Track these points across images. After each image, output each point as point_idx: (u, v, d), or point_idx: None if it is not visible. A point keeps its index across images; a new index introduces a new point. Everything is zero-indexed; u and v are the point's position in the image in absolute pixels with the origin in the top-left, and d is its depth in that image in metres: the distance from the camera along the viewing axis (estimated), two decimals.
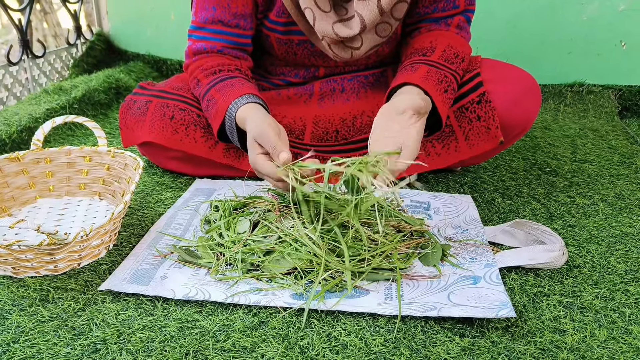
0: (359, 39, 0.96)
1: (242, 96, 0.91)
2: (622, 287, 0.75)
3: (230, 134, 0.96)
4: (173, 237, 0.85)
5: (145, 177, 1.10)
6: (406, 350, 0.62)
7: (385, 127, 0.81)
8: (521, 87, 0.99)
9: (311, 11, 0.93)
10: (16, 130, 1.20)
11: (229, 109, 0.92)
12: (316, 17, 0.93)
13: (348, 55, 0.98)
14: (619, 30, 1.59)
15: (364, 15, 0.91)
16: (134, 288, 0.71)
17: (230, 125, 0.93)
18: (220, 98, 0.93)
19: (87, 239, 0.75)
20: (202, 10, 1.00)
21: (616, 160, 1.24)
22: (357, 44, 0.96)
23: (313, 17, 0.93)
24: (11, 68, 1.55)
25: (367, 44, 0.97)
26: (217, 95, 0.94)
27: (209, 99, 0.96)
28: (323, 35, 0.94)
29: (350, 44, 0.96)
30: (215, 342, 0.63)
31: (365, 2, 0.91)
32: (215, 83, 0.96)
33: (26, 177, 0.95)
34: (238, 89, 0.93)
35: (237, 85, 0.95)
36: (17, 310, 0.68)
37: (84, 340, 0.62)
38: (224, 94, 0.93)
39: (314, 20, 0.93)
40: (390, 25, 0.96)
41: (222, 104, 0.92)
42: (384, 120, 0.82)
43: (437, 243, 0.82)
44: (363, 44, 0.96)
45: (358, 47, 0.97)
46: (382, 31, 0.96)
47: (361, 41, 0.96)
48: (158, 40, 1.97)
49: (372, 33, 0.96)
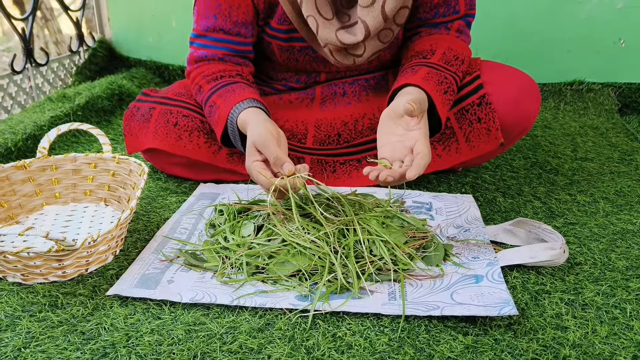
0: (362, 46, 0.97)
1: (243, 101, 0.92)
2: (623, 284, 0.76)
3: (233, 139, 0.97)
4: (179, 241, 0.86)
5: (150, 182, 1.11)
6: (410, 349, 0.63)
7: (389, 132, 0.82)
8: (520, 89, 0.99)
9: (314, 19, 0.93)
10: (22, 139, 1.22)
11: (230, 114, 0.93)
12: (319, 25, 0.94)
13: (350, 62, 0.99)
14: (618, 28, 1.60)
15: (368, 22, 0.92)
16: (141, 292, 0.72)
17: (233, 130, 0.94)
18: (222, 104, 0.94)
19: (94, 245, 0.76)
20: (203, 18, 1.01)
21: (616, 158, 1.25)
22: (360, 51, 0.97)
23: (316, 25, 0.94)
24: (15, 77, 1.57)
25: (370, 50, 0.98)
26: (218, 100, 0.96)
27: (211, 104, 0.97)
28: (326, 43, 0.95)
29: (353, 51, 0.97)
30: (222, 344, 0.64)
31: (370, 9, 0.92)
32: (217, 89, 0.97)
33: (33, 185, 0.96)
34: (239, 94, 0.94)
35: (238, 90, 0.96)
36: (27, 316, 0.69)
37: (94, 345, 0.64)
38: (225, 100, 0.94)
39: (317, 27, 0.94)
40: (392, 31, 0.97)
41: (224, 110, 0.94)
42: (386, 125, 0.83)
43: (439, 243, 0.82)
44: (366, 50, 0.97)
45: (361, 54, 0.98)
46: (384, 37, 0.97)
47: (364, 48, 0.97)
48: (160, 47, 1.99)
49: (374, 40, 0.97)
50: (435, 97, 0.89)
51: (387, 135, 0.83)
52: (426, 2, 0.99)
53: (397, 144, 0.82)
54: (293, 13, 0.97)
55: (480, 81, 0.99)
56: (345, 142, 1.08)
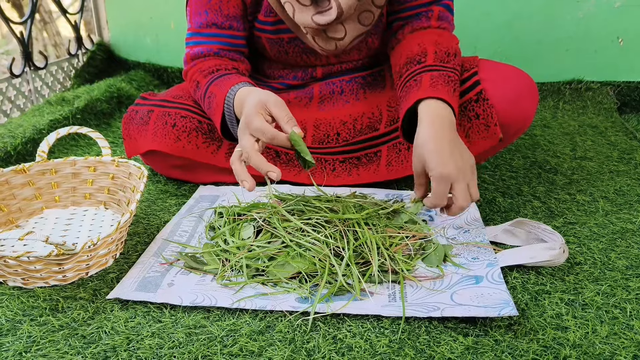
0: (342, 29, 0.97)
1: (239, 83, 0.92)
2: (623, 283, 0.76)
3: (230, 125, 0.95)
4: (179, 244, 0.86)
5: (150, 185, 1.11)
6: (411, 351, 0.63)
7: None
8: (518, 86, 0.99)
9: (291, 5, 0.94)
10: (21, 142, 1.22)
11: (227, 97, 0.92)
12: (295, 10, 0.95)
13: (332, 47, 0.99)
14: (616, 27, 1.60)
15: (340, 1, 0.92)
16: (141, 296, 0.72)
17: (230, 115, 0.93)
18: (219, 91, 0.94)
19: (94, 249, 0.76)
20: (195, 15, 1.03)
21: (616, 157, 1.25)
22: (340, 34, 0.97)
23: (293, 10, 0.95)
24: (14, 80, 1.57)
25: (351, 34, 0.98)
26: (215, 89, 0.95)
27: (209, 95, 0.97)
28: (304, 26, 0.96)
29: (332, 34, 0.97)
30: (223, 347, 0.64)
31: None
32: (213, 80, 0.97)
33: (32, 189, 0.96)
34: (235, 80, 0.94)
35: (235, 77, 0.96)
36: (27, 320, 0.69)
37: (95, 349, 0.64)
38: (221, 87, 0.94)
39: (294, 12, 0.95)
40: (372, 13, 0.97)
41: (220, 95, 0.93)
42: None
43: (438, 244, 0.83)
44: (347, 34, 0.97)
45: (341, 37, 0.98)
46: (365, 19, 0.97)
47: (344, 31, 0.97)
48: (158, 49, 1.99)
49: (354, 22, 0.97)
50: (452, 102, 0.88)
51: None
52: None
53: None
54: (276, 2, 0.97)
55: (478, 78, 0.99)
56: (345, 140, 1.08)
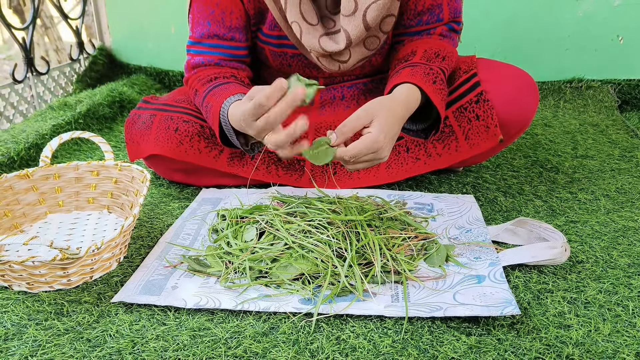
0: (347, 53, 0.98)
1: (233, 95, 0.92)
2: (625, 281, 0.76)
3: (229, 134, 0.96)
4: (182, 247, 0.86)
5: (152, 188, 1.12)
6: (414, 351, 0.63)
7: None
8: (518, 86, 1.00)
9: (298, 25, 0.95)
10: (24, 148, 1.22)
11: (221, 109, 0.93)
12: (303, 31, 0.95)
13: (336, 68, 1.01)
14: (616, 25, 1.60)
15: (350, 31, 0.93)
16: (146, 299, 0.73)
17: (226, 124, 0.94)
18: (214, 102, 0.95)
19: (98, 253, 0.77)
20: (197, 25, 1.02)
21: (617, 155, 1.25)
22: (345, 57, 0.99)
23: (300, 31, 0.95)
24: (16, 86, 1.58)
25: (355, 57, 1.00)
26: (212, 100, 0.96)
27: (206, 105, 0.97)
28: (310, 49, 0.97)
29: (337, 57, 0.99)
30: (227, 349, 0.64)
31: (351, 18, 0.92)
32: (211, 89, 0.98)
33: (36, 194, 0.97)
34: (231, 91, 0.94)
35: (231, 87, 0.96)
36: (33, 324, 0.69)
37: (100, 352, 0.64)
38: (217, 98, 0.94)
39: (301, 34, 0.95)
40: (379, 38, 0.98)
41: (216, 107, 0.94)
42: None
43: (440, 245, 0.83)
44: (351, 57, 0.99)
45: (346, 60, 0.99)
46: (370, 44, 0.99)
47: (349, 55, 0.98)
48: (159, 53, 2.00)
49: (360, 47, 0.98)
50: (426, 87, 0.89)
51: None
52: (410, 9, 1.00)
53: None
54: (281, 18, 0.98)
55: (478, 79, 0.99)
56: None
